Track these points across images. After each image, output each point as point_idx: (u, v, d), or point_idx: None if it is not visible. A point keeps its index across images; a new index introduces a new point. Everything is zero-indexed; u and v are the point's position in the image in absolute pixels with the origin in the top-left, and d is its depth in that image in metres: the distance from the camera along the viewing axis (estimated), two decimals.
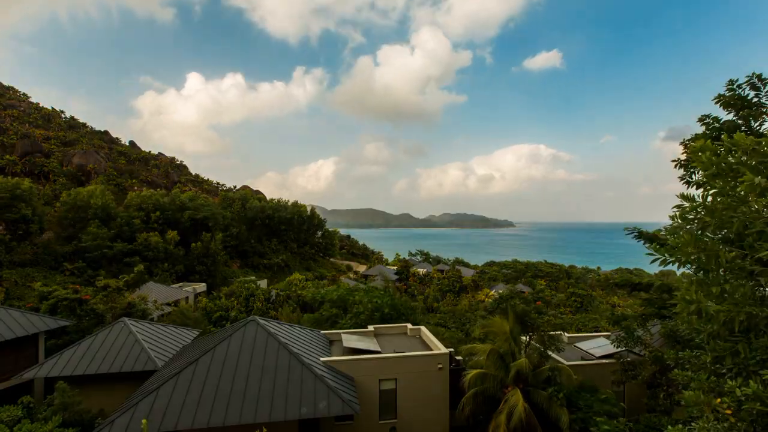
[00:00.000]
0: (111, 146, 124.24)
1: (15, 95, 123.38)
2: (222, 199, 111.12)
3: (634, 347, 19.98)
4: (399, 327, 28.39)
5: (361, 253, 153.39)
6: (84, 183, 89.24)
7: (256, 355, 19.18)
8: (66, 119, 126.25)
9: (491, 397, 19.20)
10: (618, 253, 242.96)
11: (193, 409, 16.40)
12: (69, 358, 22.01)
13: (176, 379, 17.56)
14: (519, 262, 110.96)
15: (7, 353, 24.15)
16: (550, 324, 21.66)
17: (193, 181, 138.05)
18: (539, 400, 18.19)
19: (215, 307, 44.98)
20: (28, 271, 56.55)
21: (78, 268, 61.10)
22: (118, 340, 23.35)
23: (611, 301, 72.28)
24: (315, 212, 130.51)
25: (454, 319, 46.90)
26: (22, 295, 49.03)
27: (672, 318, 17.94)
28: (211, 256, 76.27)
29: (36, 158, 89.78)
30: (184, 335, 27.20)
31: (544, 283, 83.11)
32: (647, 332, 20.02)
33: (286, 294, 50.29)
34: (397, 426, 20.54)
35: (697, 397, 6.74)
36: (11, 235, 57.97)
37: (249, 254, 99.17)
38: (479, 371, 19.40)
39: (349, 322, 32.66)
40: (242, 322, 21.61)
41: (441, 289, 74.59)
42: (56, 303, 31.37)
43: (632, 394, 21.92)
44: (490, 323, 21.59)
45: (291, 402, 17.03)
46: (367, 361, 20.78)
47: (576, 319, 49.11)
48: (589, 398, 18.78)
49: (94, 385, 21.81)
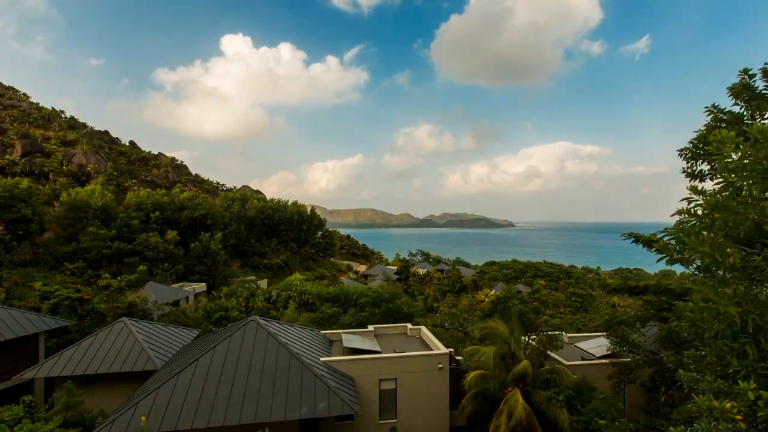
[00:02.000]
0: (111, 146, 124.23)
1: (15, 95, 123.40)
2: (222, 199, 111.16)
3: (631, 351, 19.96)
4: (399, 327, 28.40)
5: (361, 253, 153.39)
6: (84, 183, 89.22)
7: (256, 355, 19.19)
8: (66, 119, 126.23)
9: (491, 397, 19.21)
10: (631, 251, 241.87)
11: (193, 409, 16.42)
12: (69, 358, 22.02)
13: (176, 379, 17.57)
14: (518, 262, 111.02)
15: (8, 353, 24.18)
16: (548, 324, 21.66)
17: (193, 181, 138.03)
18: (539, 401, 18.20)
19: (215, 307, 45.00)
20: (28, 271, 56.56)
21: (78, 268, 61.09)
22: (118, 340, 23.36)
23: (611, 300, 72.25)
24: (315, 212, 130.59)
25: (452, 320, 46.92)
26: (23, 295, 49.06)
27: (671, 320, 17.89)
28: (210, 256, 76.30)
29: (36, 158, 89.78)
30: (184, 335, 27.21)
31: (544, 283, 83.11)
32: (642, 335, 20.02)
33: (287, 294, 50.31)
34: (397, 426, 20.54)
35: (709, 402, 6.42)
36: (11, 235, 57.97)
37: (249, 254, 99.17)
38: (480, 372, 19.43)
39: (349, 318, 32.81)
40: (242, 322, 21.63)
41: (441, 289, 74.62)
42: (58, 302, 31.41)
43: (632, 394, 21.94)
44: (490, 325, 21.60)
45: (291, 402, 17.05)
46: (367, 361, 20.78)
47: (576, 319, 49.15)
48: (589, 399, 18.80)
49: (94, 385, 21.83)
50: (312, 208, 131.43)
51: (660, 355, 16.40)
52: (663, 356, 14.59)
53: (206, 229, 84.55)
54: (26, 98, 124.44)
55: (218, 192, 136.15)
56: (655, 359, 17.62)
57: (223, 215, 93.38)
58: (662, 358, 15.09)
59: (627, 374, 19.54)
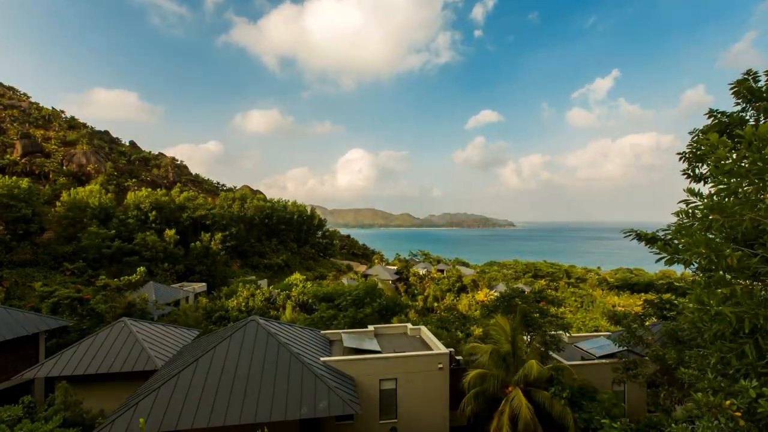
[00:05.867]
0: (111, 146, 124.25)
1: (15, 95, 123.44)
2: (222, 199, 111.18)
3: (636, 347, 19.96)
4: (399, 327, 28.37)
5: (362, 253, 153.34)
6: (84, 183, 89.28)
7: (256, 355, 19.17)
8: (66, 119, 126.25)
9: (492, 396, 19.17)
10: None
11: (194, 409, 16.40)
12: (69, 358, 22.00)
13: (176, 379, 17.55)
14: (519, 262, 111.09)
15: (8, 353, 24.16)
16: (552, 324, 21.65)
17: (194, 181, 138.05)
18: (541, 400, 18.16)
19: (215, 307, 45.03)
20: (28, 271, 56.55)
21: (78, 268, 61.10)
22: (118, 340, 23.33)
23: (612, 301, 72.31)
24: (315, 212, 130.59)
25: (452, 320, 46.97)
26: (23, 295, 49.07)
27: (675, 318, 17.91)
28: (210, 255, 76.35)
29: (36, 158, 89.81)
30: (184, 335, 27.18)
31: (544, 283, 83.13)
32: (648, 332, 20.01)
33: (287, 294, 50.34)
34: (397, 426, 20.52)
35: (707, 399, 6.57)
36: (11, 235, 57.99)
37: (249, 254, 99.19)
38: (480, 371, 19.38)
39: (342, 321, 32.89)
40: (242, 322, 21.60)
41: (441, 289, 74.72)
42: (57, 302, 31.40)
43: (632, 394, 21.93)
44: (492, 323, 21.57)
45: (291, 402, 17.03)
46: (367, 361, 20.75)
47: (576, 319, 49.18)
48: (591, 398, 18.79)
49: (94, 385, 21.81)
50: (312, 208, 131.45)
51: (663, 352, 16.43)
52: (665, 354, 14.60)
53: (206, 229, 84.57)
54: (26, 98, 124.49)
55: (218, 192, 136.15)
56: (658, 356, 17.66)
57: (223, 215, 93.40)
58: (664, 355, 15.11)
59: (632, 369, 19.48)
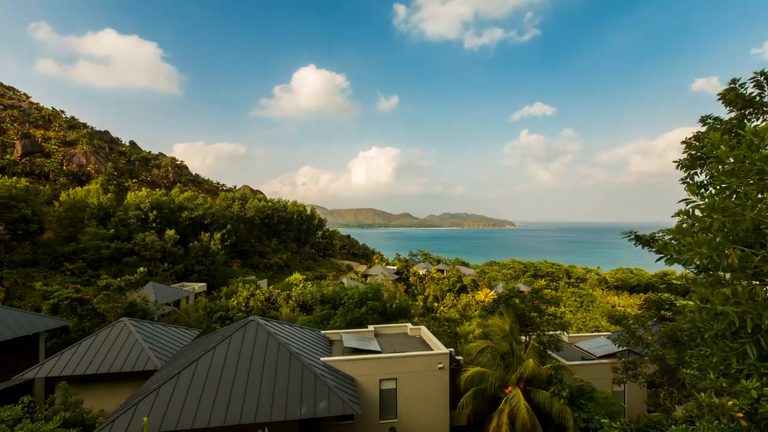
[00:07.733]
0: (111, 146, 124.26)
1: (15, 95, 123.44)
2: (222, 199, 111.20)
3: (636, 347, 19.96)
4: (399, 327, 28.38)
5: (362, 253, 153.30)
6: (84, 183, 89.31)
7: (256, 355, 19.19)
8: (66, 119, 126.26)
9: (491, 396, 19.20)
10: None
11: (194, 409, 16.41)
12: (69, 358, 22.02)
13: (176, 379, 17.57)
14: (519, 262, 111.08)
15: (8, 353, 24.18)
16: (550, 324, 21.65)
17: (194, 181, 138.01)
18: (540, 400, 18.18)
19: (215, 307, 45.04)
20: (28, 271, 56.56)
21: (78, 268, 61.11)
22: (119, 340, 23.36)
23: (611, 301, 72.32)
24: (315, 212, 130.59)
25: (452, 320, 47.00)
26: (23, 295, 49.07)
27: (674, 319, 17.89)
28: (210, 255, 76.33)
29: (36, 158, 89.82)
30: (184, 335, 27.21)
31: (544, 283, 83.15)
32: (648, 331, 20.01)
33: (287, 294, 50.35)
34: (397, 426, 20.54)
35: (710, 399, 6.50)
36: (11, 235, 58.01)
37: (249, 254, 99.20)
38: (477, 369, 19.39)
39: (339, 319, 32.88)
40: (242, 322, 21.62)
41: (441, 289, 74.73)
42: (58, 302, 31.41)
43: (632, 394, 21.95)
44: (490, 323, 21.59)
45: (291, 402, 17.04)
46: (367, 361, 20.77)
47: (576, 319, 49.19)
48: (590, 397, 18.79)
49: (95, 384, 21.83)
50: (312, 208, 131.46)
51: (663, 352, 16.44)
52: (665, 354, 14.60)
53: (206, 229, 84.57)
54: (26, 98, 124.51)
55: (218, 192, 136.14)
56: (658, 356, 17.67)
57: (222, 215, 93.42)
58: (664, 355, 15.11)
59: (632, 369, 19.47)
